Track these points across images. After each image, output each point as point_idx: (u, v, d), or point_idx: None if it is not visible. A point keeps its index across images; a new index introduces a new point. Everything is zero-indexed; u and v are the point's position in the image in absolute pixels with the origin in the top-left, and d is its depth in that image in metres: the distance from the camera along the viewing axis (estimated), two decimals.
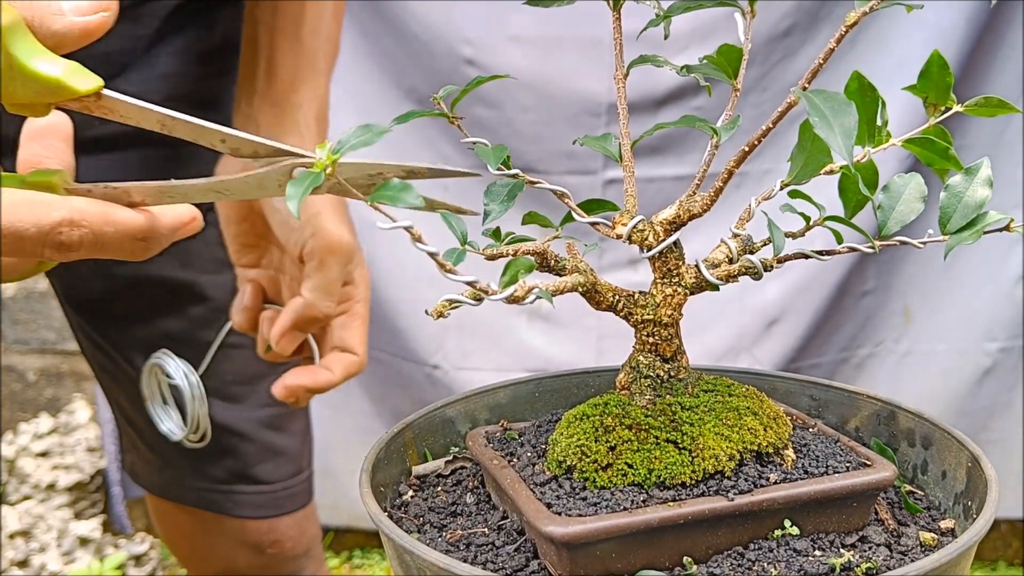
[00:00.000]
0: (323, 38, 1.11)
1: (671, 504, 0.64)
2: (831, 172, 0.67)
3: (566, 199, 0.70)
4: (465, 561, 0.66)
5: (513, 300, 0.62)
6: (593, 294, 0.70)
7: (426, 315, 0.63)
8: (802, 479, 0.67)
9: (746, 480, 0.66)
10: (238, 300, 1.11)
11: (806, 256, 0.69)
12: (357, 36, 2.03)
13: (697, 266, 0.70)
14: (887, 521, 0.70)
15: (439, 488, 0.77)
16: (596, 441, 0.67)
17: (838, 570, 0.63)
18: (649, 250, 0.68)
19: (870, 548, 0.66)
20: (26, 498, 2.30)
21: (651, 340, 0.71)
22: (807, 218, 0.70)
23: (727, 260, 0.71)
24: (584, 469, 0.67)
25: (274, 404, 1.20)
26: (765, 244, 0.71)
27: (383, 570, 2.41)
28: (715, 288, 0.70)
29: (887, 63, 1.92)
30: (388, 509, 0.74)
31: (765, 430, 0.69)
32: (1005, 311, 2.13)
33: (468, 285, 0.61)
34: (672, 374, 0.71)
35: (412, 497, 0.76)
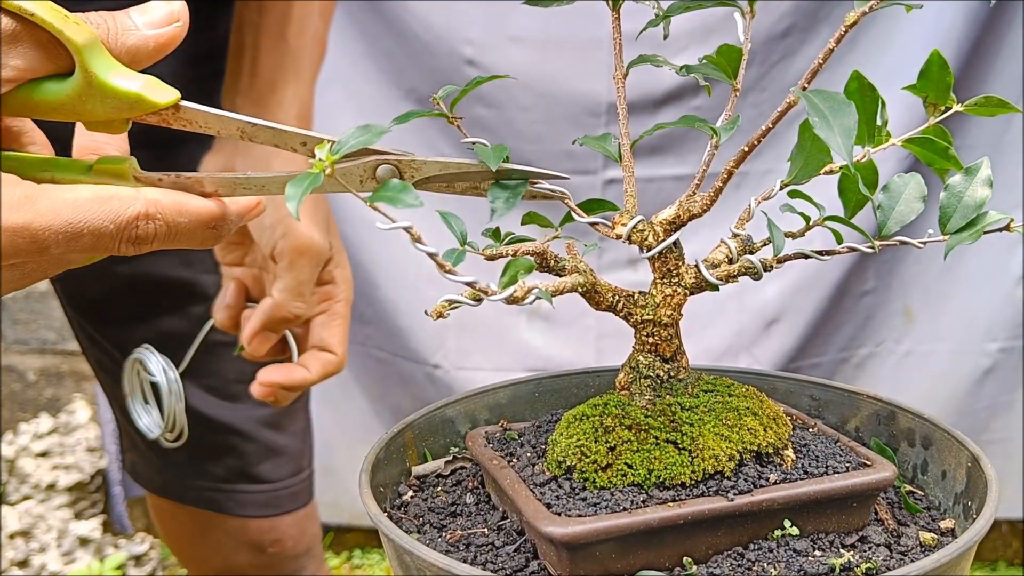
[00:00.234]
0: (309, 38, 1.10)
1: (671, 504, 0.64)
2: (831, 172, 0.67)
3: (566, 199, 0.70)
4: (465, 561, 0.66)
5: (513, 300, 0.62)
6: (593, 294, 0.70)
7: (426, 315, 0.63)
8: (802, 479, 0.67)
9: (746, 480, 0.66)
10: (220, 298, 1.11)
11: (806, 256, 0.69)
12: (357, 36, 2.03)
13: (697, 266, 0.70)
14: (887, 521, 0.70)
15: (439, 488, 0.77)
16: (596, 441, 0.67)
17: (838, 570, 0.63)
18: (649, 250, 0.68)
19: (870, 548, 0.66)
20: (26, 498, 2.30)
21: (651, 340, 0.70)
22: (807, 218, 0.70)
23: (727, 260, 0.70)
24: (584, 469, 0.66)
25: None
26: (765, 244, 0.71)
27: (383, 570, 2.41)
28: (715, 288, 0.70)
29: (887, 63, 1.92)
30: (388, 509, 0.74)
31: (765, 430, 0.69)
32: (1005, 311, 2.13)
33: (468, 285, 0.61)
34: (672, 374, 0.71)
35: (412, 497, 0.76)
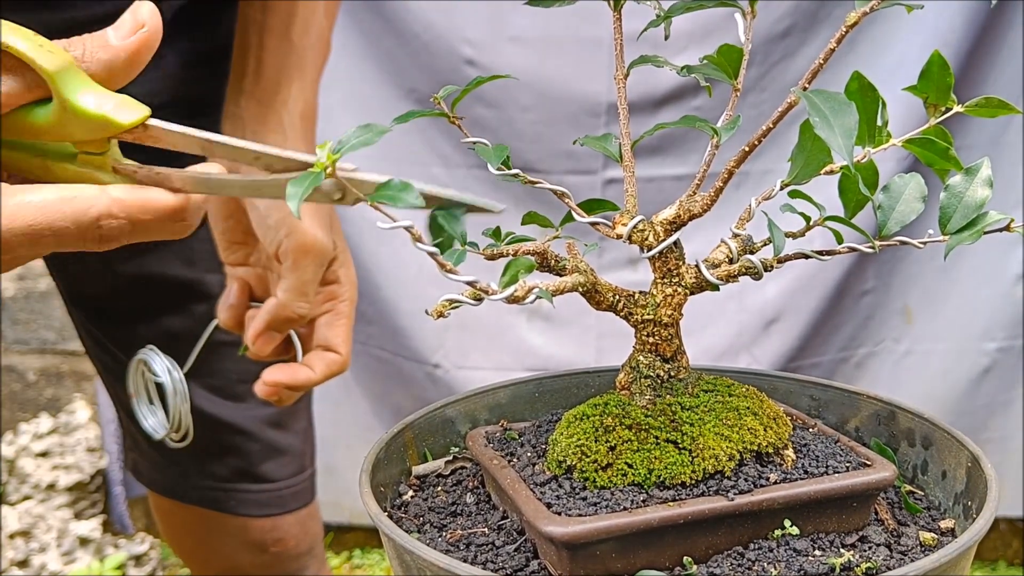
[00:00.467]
0: (313, 37, 1.10)
1: (671, 504, 0.64)
2: (831, 172, 0.67)
3: (566, 199, 0.70)
4: (465, 561, 0.66)
5: (513, 300, 0.62)
6: (593, 294, 0.70)
7: (426, 315, 0.63)
8: (802, 479, 0.67)
9: (746, 480, 0.66)
10: (224, 297, 1.11)
11: (806, 256, 0.69)
12: (357, 36, 2.03)
13: (697, 266, 0.70)
14: (887, 521, 0.70)
15: (439, 488, 0.77)
16: (596, 441, 0.67)
17: (838, 570, 0.63)
18: (649, 250, 0.68)
19: (870, 548, 0.66)
20: (26, 498, 2.30)
21: (651, 340, 0.71)
22: (807, 218, 0.70)
23: (727, 260, 0.71)
24: (584, 469, 0.67)
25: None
26: (765, 244, 0.71)
27: (383, 570, 2.41)
28: (715, 288, 0.70)
29: (887, 63, 1.92)
30: (388, 509, 0.74)
31: (765, 430, 0.69)
32: (1005, 310, 2.13)
33: (468, 285, 0.61)
34: (672, 374, 0.71)
35: (412, 497, 0.76)
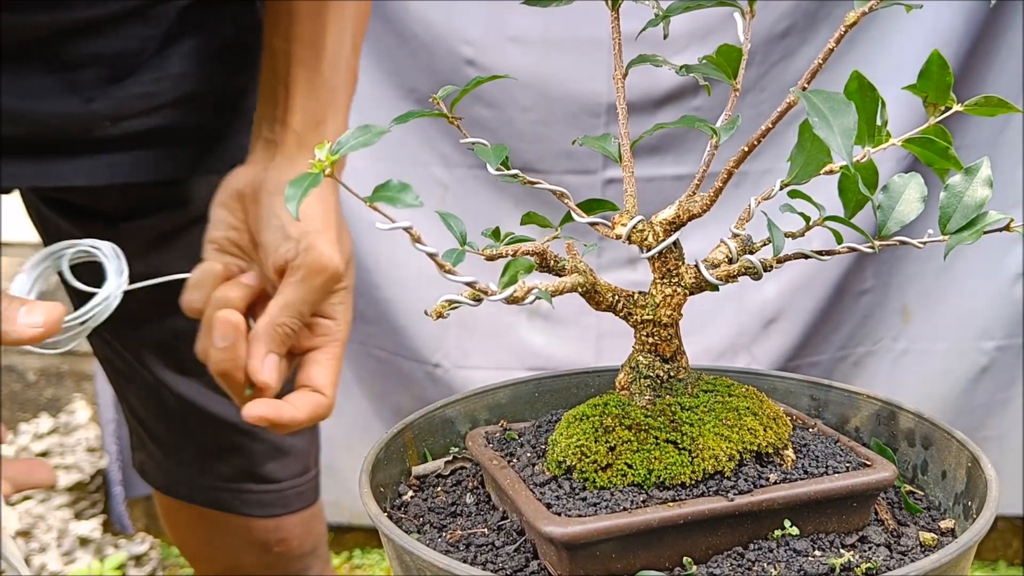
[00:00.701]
0: (343, 71, 1.08)
1: (671, 504, 0.64)
2: (831, 172, 0.67)
3: (566, 199, 0.70)
4: (465, 561, 0.66)
5: (512, 300, 0.62)
6: (593, 294, 0.70)
7: (426, 315, 0.63)
8: (802, 479, 0.67)
9: (746, 480, 0.66)
10: (199, 275, 1.02)
11: (806, 256, 0.69)
12: None
13: (697, 266, 0.70)
14: (887, 521, 0.70)
15: (439, 488, 0.77)
16: (596, 441, 0.67)
17: (838, 570, 0.63)
18: (649, 250, 0.68)
19: (870, 548, 0.66)
20: (26, 498, 2.30)
21: (651, 340, 0.70)
22: (807, 218, 0.70)
23: (727, 260, 0.71)
24: (584, 469, 0.67)
25: None
26: (765, 244, 0.71)
27: (383, 570, 2.41)
28: (715, 288, 0.70)
29: (886, 63, 1.92)
30: (388, 509, 0.74)
31: (765, 430, 0.69)
32: (1003, 309, 2.13)
33: (468, 285, 0.61)
34: (672, 374, 0.71)
35: (412, 497, 0.76)
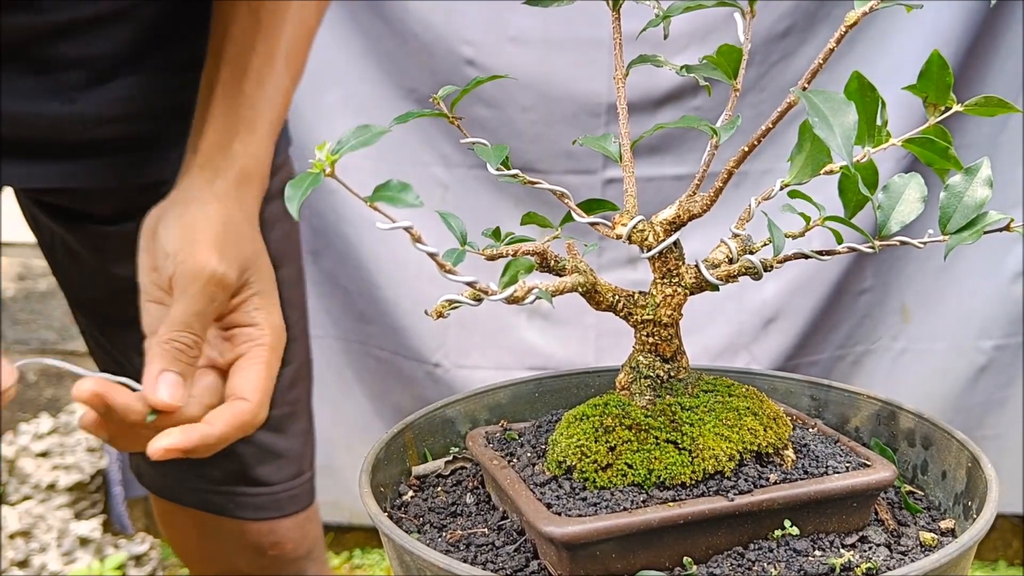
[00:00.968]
0: (270, 90, 1.04)
1: (671, 504, 0.64)
2: (831, 172, 0.67)
3: (566, 199, 0.70)
4: (465, 561, 0.66)
5: (513, 300, 0.62)
6: (593, 294, 0.70)
7: (426, 315, 0.63)
8: (802, 479, 0.67)
9: (746, 480, 0.66)
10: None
11: (806, 256, 0.69)
12: (357, 36, 2.03)
13: (697, 266, 0.70)
14: (887, 521, 0.70)
15: (439, 488, 0.77)
16: (596, 441, 0.67)
17: (838, 570, 0.63)
18: (649, 250, 0.68)
19: (870, 548, 0.66)
20: (26, 498, 2.30)
21: (651, 340, 0.70)
22: (807, 218, 0.70)
23: (727, 260, 0.71)
24: (584, 469, 0.67)
25: (275, 405, 1.20)
26: (765, 244, 0.71)
27: (383, 570, 2.41)
28: (715, 288, 0.70)
29: (886, 63, 1.92)
30: (388, 509, 0.74)
31: (765, 430, 0.69)
32: (1002, 309, 2.13)
33: (468, 285, 0.61)
34: (672, 374, 0.71)
35: (412, 497, 0.76)
